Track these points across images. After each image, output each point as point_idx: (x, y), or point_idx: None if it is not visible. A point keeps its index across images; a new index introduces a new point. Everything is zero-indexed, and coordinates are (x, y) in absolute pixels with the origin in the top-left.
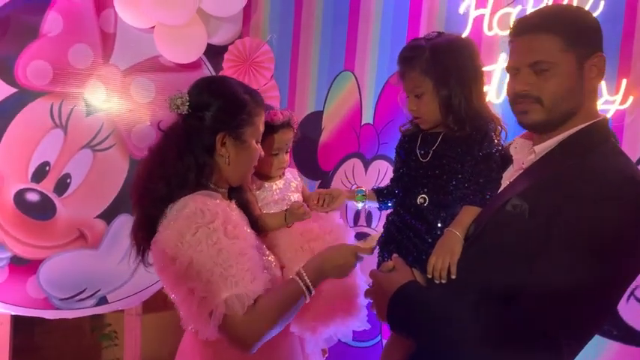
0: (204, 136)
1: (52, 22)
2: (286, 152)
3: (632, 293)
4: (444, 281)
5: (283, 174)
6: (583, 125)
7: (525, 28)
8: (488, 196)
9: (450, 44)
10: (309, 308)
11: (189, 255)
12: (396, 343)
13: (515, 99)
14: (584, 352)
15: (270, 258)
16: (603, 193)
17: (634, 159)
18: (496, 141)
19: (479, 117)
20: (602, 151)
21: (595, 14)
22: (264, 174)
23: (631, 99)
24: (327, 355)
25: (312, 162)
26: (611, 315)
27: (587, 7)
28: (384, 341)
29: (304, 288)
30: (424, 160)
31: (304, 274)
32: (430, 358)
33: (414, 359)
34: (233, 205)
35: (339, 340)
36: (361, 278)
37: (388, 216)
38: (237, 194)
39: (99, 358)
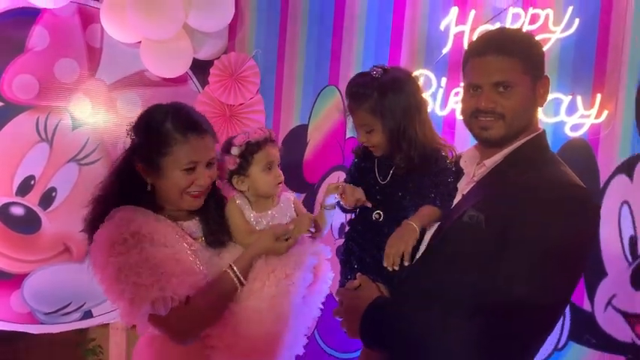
0: (128, 165)
1: (38, 36)
2: (278, 167)
3: (609, 302)
4: (396, 268)
5: (279, 198)
6: (526, 139)
7: (488, 49)
8: (438, 203)
9: (395, 82)
10: (228, 352)
11: (119, 261)
12: (368, 355)
13: (478, 114)
14: None
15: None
16: (551, 201)
17: (610, 170)
18: (447, 160)
19: (425, 148)
20: (544, 161)
21: (570, 32)
22: (264, 193)
23: (605, 113)
24: None
25: (297, 175)
26: (590, 324)
27: (562, 25)
28: None
29: (235, 279)
30: (383, 182)
31: (234, 267)
32: None
33: None
34: (187, 222)
35: (322, 349)
36: (290, 332)
37: (346, 234)
38: (204, 213)
39: None
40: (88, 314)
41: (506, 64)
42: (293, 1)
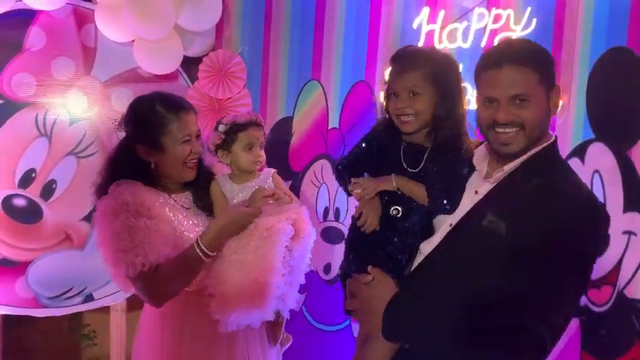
0: (127, 147)
1: (35, 36)
2: (260, 148)
3: None
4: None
5: (260, 171)
6: (541, 146)
7: (503, 61)
8: (445, 202)
9: (451, 60)
10: (222, 298)
11: (107, 228)
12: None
13: (495, 126)
14: None
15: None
16: (566, 211)
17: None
18: (466, 156)
19: (458, 128)
20: (558, 171)
21: (529, 30)
22: (243, 168)
23: (560, 103)
24: (290, 342)
25: (283, 163)
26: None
27: (521, 24)
28: (353, 325)
29: (200, 253)
30: (412, 170)
31: (200, 242)
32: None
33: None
34: (179, 195)
35: (311, 324)
36: (276, 276)
37: (353, 220)
38: (197, 189)
39: (79, 358)
40: (89, 297)
41: (522, 76)
42: (277, 1)
